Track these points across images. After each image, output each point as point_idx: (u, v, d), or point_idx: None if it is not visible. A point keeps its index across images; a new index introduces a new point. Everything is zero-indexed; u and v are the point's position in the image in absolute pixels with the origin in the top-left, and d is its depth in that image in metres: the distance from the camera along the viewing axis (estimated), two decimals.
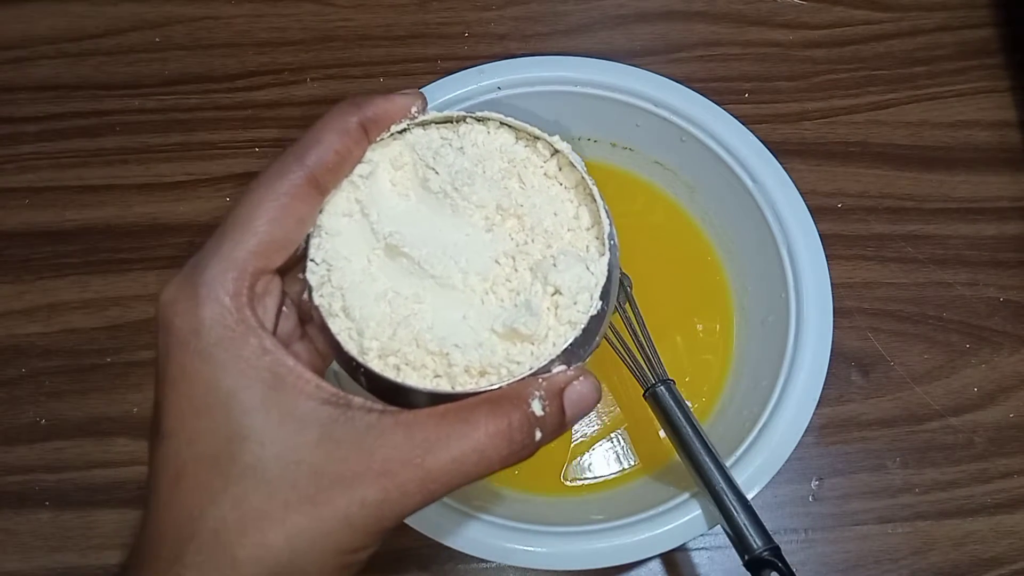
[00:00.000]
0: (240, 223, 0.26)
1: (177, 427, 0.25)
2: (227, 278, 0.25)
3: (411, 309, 0.27)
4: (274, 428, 0.25)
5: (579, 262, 0.27)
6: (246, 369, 0.25)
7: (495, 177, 0.29)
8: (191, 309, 0.25)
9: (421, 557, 0.45)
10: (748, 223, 0.44)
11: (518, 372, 0.26)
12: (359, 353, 0.27)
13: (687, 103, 0.45)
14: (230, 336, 0.25)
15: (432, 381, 0.26)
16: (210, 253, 0.26)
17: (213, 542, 0.24)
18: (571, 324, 0.27)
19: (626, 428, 0.44)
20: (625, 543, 0.37)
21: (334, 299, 0.27)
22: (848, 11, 0.58)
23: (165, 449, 0.25)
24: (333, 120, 0.28)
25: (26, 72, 0.56)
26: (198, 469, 0.24)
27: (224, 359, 0.25)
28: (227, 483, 0.24)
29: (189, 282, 0.26)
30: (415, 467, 0.24)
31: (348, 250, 0.28)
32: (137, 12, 0.58)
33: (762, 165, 0.44)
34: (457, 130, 0.30)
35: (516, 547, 0.37)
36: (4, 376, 0.49)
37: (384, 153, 0.29)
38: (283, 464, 0.24)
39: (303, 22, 0.58)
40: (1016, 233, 0.52)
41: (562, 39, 0.57)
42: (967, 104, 0.56)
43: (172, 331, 0.25)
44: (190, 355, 0.25)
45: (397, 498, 0.25)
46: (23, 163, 0.54)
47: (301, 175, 0.27)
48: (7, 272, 0.51)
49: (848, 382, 0.49)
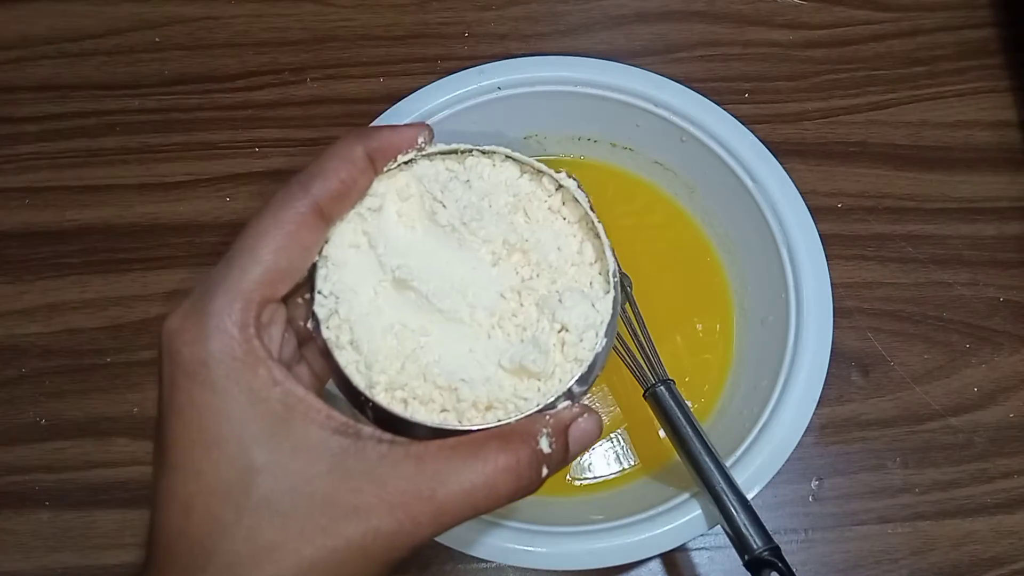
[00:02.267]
0: (246, 252, 0.26)
1: (185, 459, 0.25)
2: (235, 308, 0.25)
3: (418, 342, 0.27)
4: (287, 459, 0.25)
5: (585, 299, 0.28)
6: (257, 401, 0.25)
7: (501, 211, 0.29)
8: (199, 340, 0.25)
9: (421, 557, 0.45)
10: (748, 223, 0.44)
11: (525, 408, 0.26)
12: (367, 387, 0.27)
13: (687, 103, 0.45)
14: (239, 368, 0.25)
15: (440, 415, 0.27)
16: (216, 282, 0.26)
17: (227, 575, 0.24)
18: (577, 361, 0.27)
19: (626, 428, 0.44)
20: (625, 543, 0.37)
21: (342, 332, 0.27)
22: (848, 11, 0.58)
23: (172, 482, 0.25)
24: (339, 149, 0.28)
25: (26, 72, 0.56)
26: (209, 502, 0.24)
27: (234, 391, 0.25)
28: (239, 516, 0.24)
29: (196, 312, 0.25)
30: (427, 499, 0.25)
31: (355, 282, 0.28)
32: (137, 12, 0.58)
33: (762, 165, 0.44)
34: (463, 162, 0.30)
35: (516, 547, 0.37)
36: (4, 376, 0.49)
37: (390, 185, 0.29)
38: (296, 496, 0.24)
39: (303, 22, 0.58)
40: (1016, 233, 0.52)
41: (562, 39, 0.57)
42: (967, 104, 0.56)
43: (179, 361, 0.25)
44: (199, 386, 0.25)
45: (410, 529, 0.25)
46: (23, 163, 0.54)
47: (307, 204, 0.27)
48: (7, 272, 0.51)
49: (848, 382, 0.49)
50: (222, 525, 0.24)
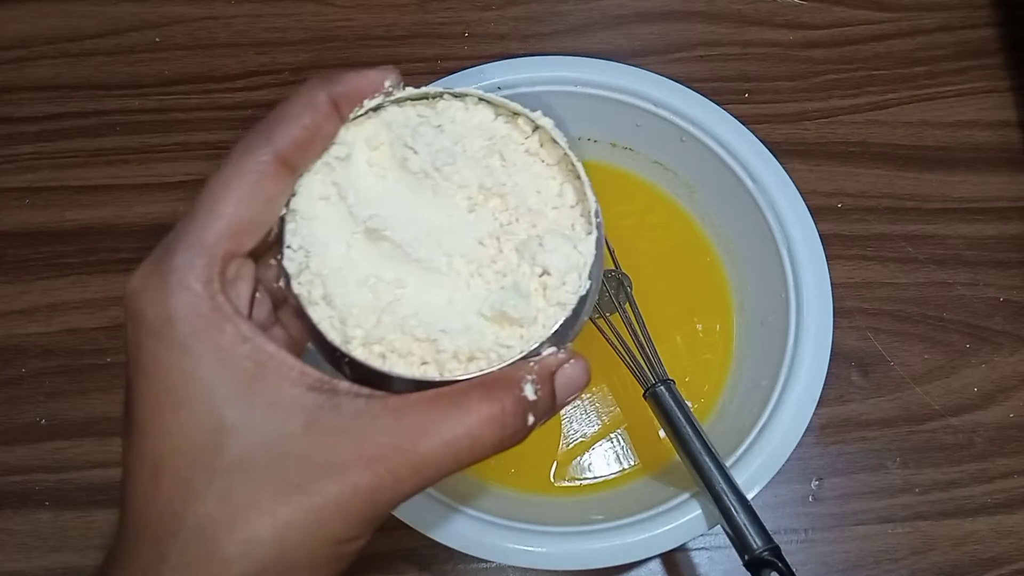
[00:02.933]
0: (207, 205, 0.25)
1: (153, 421, 0.24)
2: (197, 263, 0.24)
3: (395, 295, 0.26)
4: (259, 418, 0.24)
5: (566, 241, 0.27)
6: (225, 358, 0.24)
7: (476, 155, 0.28)
8: (162, 298, 0.24)
9: (421, 557, 0.45)
10: (748, 223, 0.44)
11: (508, 356, 0.25)
12: (343, 342, 0.26)
13: (687, 103, 0.45)
14: (205, 324, 0.24)
15: (420, 368, 0.26)
16: (178, 238, 0.25)
17: (198, 539, 0.23)
18: (560, 305, 0.26)
19: (626, 428, 0.44)
20: (625, 543, 0.37)
21: (314, 287, 0.26)
22: (848, 11, 0.58)
23: (141, 444, 0.24)
24: (300, 96, 0.27)
25: (26, 72, 0.56)
26: (179, 464, 0.24)
27: (201, 349, 0.24)
28: (211, 477, 0.23)
29: (158, 269, 0.24)
30: (408, 452, 0.24)
31: (326, 235, 0.27)
32: (137, 12, 0.58)
33: (762, 165, 0.44)
34: (434, 107, 0.29)
35: (516, 547, 0.37)
36: (4, 376, 0.49)
37: (359, 133, 0.28)
38: (270, 455, 0.24)
39: (303, 22, 0.58)
40: (1016, 233, 0.52)
41: (562, 39, 0.57)
42: (967, 104, 0.56)
43: (143, 321, 0.24)
44: (164, 346, 0.24)
45: (391, 484, 0.24)
46: (23, 163, 0.54)
47: (269, 152, 0.26)
48: (7, 272, 0.51)
49: (848, 382, 0.49)
50: (193, 488, 0.23)
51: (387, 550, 0.45)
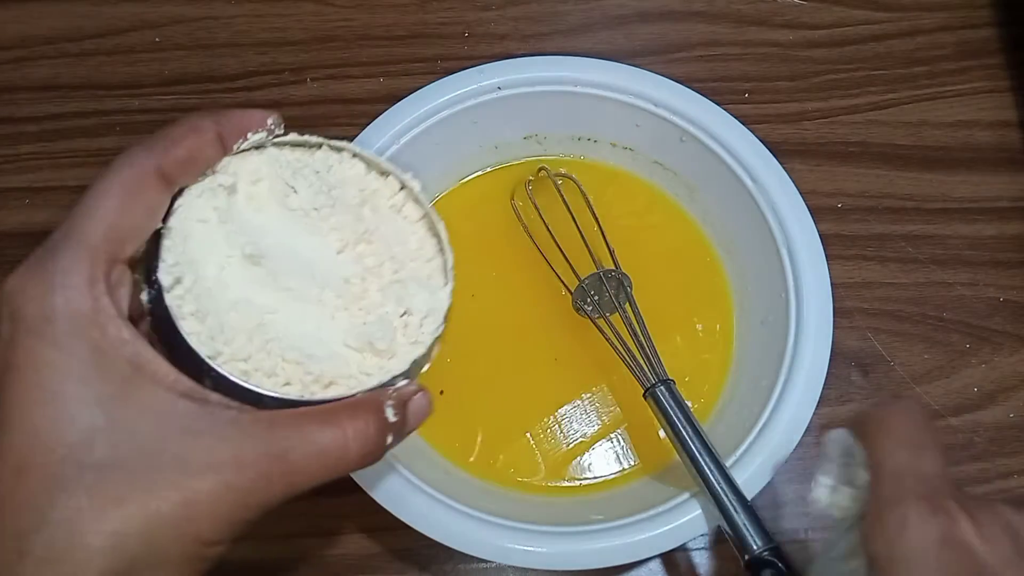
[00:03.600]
0: (90, 210, 0.26)
1: (23, 417, 0.24)
2: (82, 265, 0.25)
3: (264, 318, 0.28)
4: (133, 418, 0.24)
5: (425, 288, 0.30)
6: (103, 360, 0.24)
7: (350, 203, 0.31)
8: (43, 295, 0.24)
9: (421, 557, 0.45)
10: (748, 223, 0.44)
11: (367, 384, 0.28)
12: (209, 356, 0.27)
13: (687, 103, 0.45)
14: (86, 324, 0.25)
15: (282, 388, 0.27)
16: (60, 240, 0.25)
17: (65, 532, 0.23)
18: (417, 343, 0.30)
19: (626, 428, 0.44)
20: (625, 543, 0.37)
21: (185, 302, 0.27)
22: (848, 11, 0.58)
23: (6, 442, 0.24)
24: (188, 120, 0.28)
25: (26, 72, 0.56)
26: (47, 460, 0.24)
27: (79, 348, 0.24)
28: (81, 471, 0.24)
29: (40, 269, 0.25)
30: (279, 459, 0.25)
31: (201, 255, 0.28)
32: (137, 12, 0.58)
33: (762, 165, 0.44)
34: (313, 155, 0.31)
35: (516, 547, 0.37)
36: None
37: (243, 165, 0.30)
38: (144, 454, 0.24)
39: (303, 22, 0.58)
40: (1016, 233, 0.52)
41: (562, 39, 0.57)
42: (967, 104, 0.56)
43: (21, 319, 0.24)
44: (41, 343, 0.24)
45: (263, 487, 0.25)
46: (23, 163, 0.54)
47: (151, 165, 0.27)
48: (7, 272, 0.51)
49: (848, 382, 0.49)
50: (61, 482, 0.23)
51: (387, 550, 0.45)
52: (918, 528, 0.27)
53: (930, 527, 0.27)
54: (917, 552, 0.26)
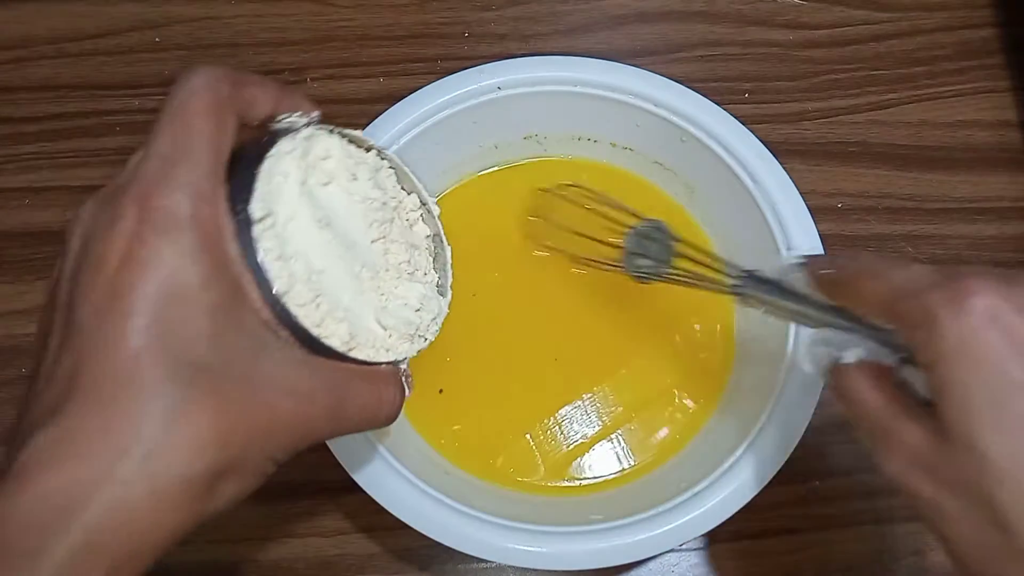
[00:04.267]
0: (192, 130, 0.26)
1: (144, 306, 0.24)
2: (205, 183, 0.26)
3: (316, 276, 0.30)
4: (234, 334, 0.26)
5: (435, 296, 0.35)
6: (219, 274, 0.26)
7: (388, 205, 0.34)
8: (175, 204, 0.25)
9: (421, 557, 0.45)
10: (748, 223, 0.44)
11: (385, 358, 0.32)
12: (285, 293, 0.28)
13: (687, 103, 0.45)
14: (212, 239, 0.26)
15: (342, 346, 0.30)
16: (175, 155, 0.26)
17: (175, 426, 0.24)
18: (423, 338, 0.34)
19: (626, 428, 0.44)
20: (625, 543, 0.37)
21: (264, 238, 0.28)
22: (848, 11, 0.58)
23: (126, 325, 0.24)
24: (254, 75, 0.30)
25: (26, 72, 0.56)
26: (166, 351, 0.24)
27: (204, 260, 0.25)
28: (195, 371, 0.24)
29: (167, 178, 0.25)
30: (338, 403, 0.28)
31: (277, 203, 0.29)
32: (137, 12, 0.58)
33: (762, 165, 0.44)
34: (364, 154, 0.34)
35: (516, 547, 0.37)
36: (4, 376, 0.49)
37: (316, 140, 0.31)
38: (242, 368, 0.26)
39: (303, 22, 0.58)
40: (1016, 233, 0.52)
41: (562, 39, 0.57)
42: (967, 104, 0.56)
43: (150, 220, 0.25)
44: (171, 248, 0.25)
45: (322, 424, 0.28)
46: (23, 163, 0.54)
47: (229, 97, 0.28)
48: (7, 272, 0.51)
49: None
50: (175, 374, 0.24)
51: (387, 550, 0.45)
52: (950, 322, 0.26)
53: (965, 312, 0.26)
54: (965, 342, 0.26)
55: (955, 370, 0.26)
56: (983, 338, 0.25)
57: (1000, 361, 0.25)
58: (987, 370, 0.25)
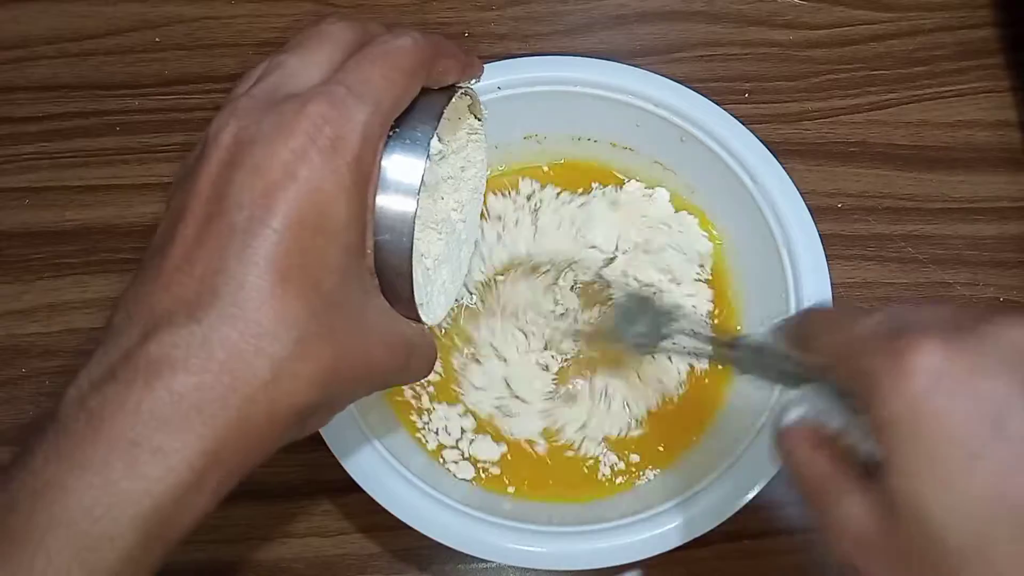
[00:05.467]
0: (389, 80, 0.27)
1: (294, 228, 0.24)
2: (375, 129, 0.27)
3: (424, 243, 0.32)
4: (353, 276, 0.27)
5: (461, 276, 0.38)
6: (359, 215, 0.26)
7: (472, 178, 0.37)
8: (353, 141, 0.26)
9: (421, 557, 0.45)
10: (748, 223, 0.44)
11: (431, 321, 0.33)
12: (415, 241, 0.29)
13: (687, 103, 0.45)
14: (363, 182, 0.26)
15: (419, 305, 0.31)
16: (357, 87, 0.26)
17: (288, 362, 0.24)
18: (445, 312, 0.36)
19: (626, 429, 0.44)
20: (625, 543, 0.37)
21: None
22: (848, 11, 0.58)
23: (269, 240, 0.24)
24: (449, 42, 0.31)
25: (26, 72, 0.56)
26: (298, 277, 0.24)
27: (354, 200, 0.26)
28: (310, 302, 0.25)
29: (345, 109, 0.26)
30: (408, 352, 0.30)
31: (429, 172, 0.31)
32: (137, 12, 0.58)
33: (762, 165, 0.44)
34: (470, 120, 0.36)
35: (516, 547, 0.37)
36: (4, 376, 0.49)
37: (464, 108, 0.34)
38: (355, 308, 0.27)
39: (303, 22, 0.58)
40: (1016, 233, 0.52)
41: (562, 39, 0.57)
42: (967, 104, 0.56)
43: (324, 142, 0.25)
44: (333, 179, 0.25)
45: (398, 368, 0.29)
46: (23, 163, 0.54)
47: (429, 62, 0.29)
48: (7, 272, 0.51)
49: None
50: (309, 298, 0.25)
51: (387, 550, 0.45)
52: (891, 386, 0.23)
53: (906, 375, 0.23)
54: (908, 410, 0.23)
55: (899, 441, 0.23)
56: (928, 405, 0.23)
57: (947, 430, 0.22)
58: (934, 441, 0.23)
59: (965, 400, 0.22)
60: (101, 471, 0.22)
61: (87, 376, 0.24)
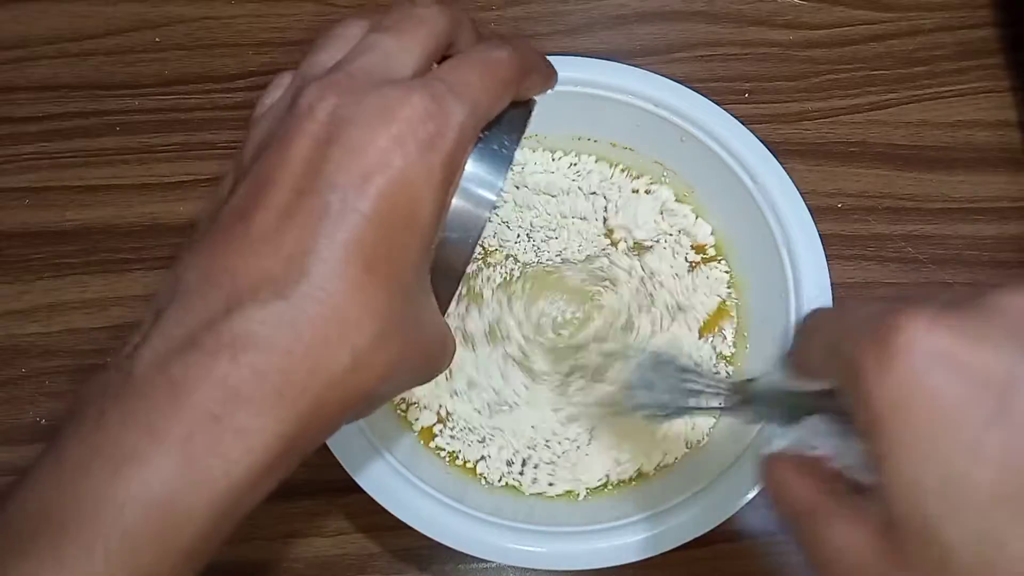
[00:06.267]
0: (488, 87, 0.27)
1: (387, 216, 0.24)
2: (469, 133, 0.26)
3: None
4: (422, 272, 0.27)
5: None
6: (438, 215, 0.26)
7: None
8: (448, 140, 0.25)
9: (421, 557, 0.45)
10: (748, 223, 0.44)
11: None
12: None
13: (687, 103, 0.45)
14: (448, 183, 0.26)
15: None
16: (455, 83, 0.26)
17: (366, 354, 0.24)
18: None
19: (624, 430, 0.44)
20: (625, 543, 0.37)
21: None
22: (848, 11, 0.58)
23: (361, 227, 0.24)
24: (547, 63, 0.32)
25: (26, 72, 0.56)
26: (385, 267, 0.24)
27: (439, 200, 0.26)
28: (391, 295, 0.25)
29: (454, 112, 0.25)
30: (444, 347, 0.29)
31: None
32: (137, 12, 0.58)
33: (762, 165, 0.44)
34: None
35: (516, 547, 0.37)
36: (4, 376, 0.49)
37: None
38: (418, 306, 0.27)
39: (303, 22, 0.58)
40: (1016, 233, 0.52)
41: (562, 39, 0.57)
42: (967, 104, 0.56)
43: (423, 137, 0.25)
44: (426, 171, 0.25)
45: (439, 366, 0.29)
46: (23, 163, 0.54)
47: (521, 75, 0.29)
48: (7, 272, 0.51)
49: None
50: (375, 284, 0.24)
51: (387, 550, 0.45)
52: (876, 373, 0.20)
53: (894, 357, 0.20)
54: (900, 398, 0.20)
55: (892, 439, 0.20)
56: (924, 388, 0.20)
57: (951, 415, 0.19)
58: (929, 430, 0.19)
59: (962, 376, 0.19)
60: (184, 447, 0.22)
61: (163, 337, 0.23)
